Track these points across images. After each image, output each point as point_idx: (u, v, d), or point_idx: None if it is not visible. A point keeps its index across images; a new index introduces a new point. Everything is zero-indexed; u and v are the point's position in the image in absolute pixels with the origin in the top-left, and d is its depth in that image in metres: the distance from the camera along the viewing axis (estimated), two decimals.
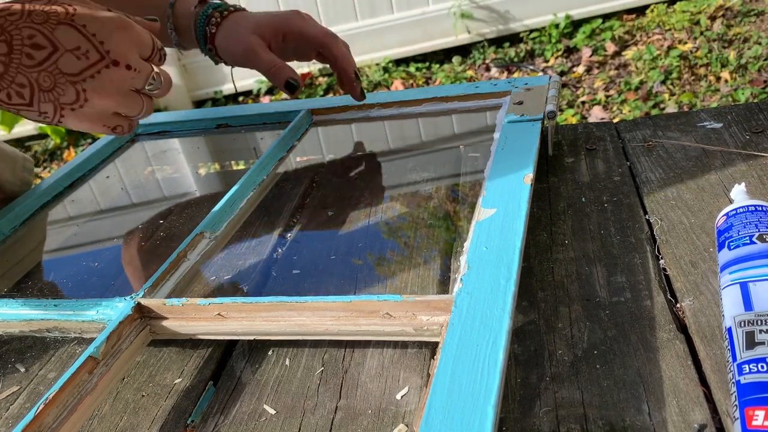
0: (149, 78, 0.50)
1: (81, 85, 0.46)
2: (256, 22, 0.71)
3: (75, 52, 0.45)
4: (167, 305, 0.49)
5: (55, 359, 0.53)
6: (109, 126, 0.50)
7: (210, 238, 0.58)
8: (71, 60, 0.45)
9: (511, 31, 2.77)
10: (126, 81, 0.48)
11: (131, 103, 0.50)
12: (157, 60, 0.52)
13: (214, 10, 0.72)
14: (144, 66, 0.50)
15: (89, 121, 0.48)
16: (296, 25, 0.71)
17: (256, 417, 0.44)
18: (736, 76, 2.20)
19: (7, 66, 0.43)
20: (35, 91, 0.44)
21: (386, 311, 0.44)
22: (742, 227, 0.45)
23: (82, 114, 0.47)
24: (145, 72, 0.50)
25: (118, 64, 0.47)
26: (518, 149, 0.58)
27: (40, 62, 0.44)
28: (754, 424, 0.33)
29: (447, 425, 0.34)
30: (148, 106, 0.52)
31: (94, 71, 0.46)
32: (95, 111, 0.48)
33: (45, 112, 0.46)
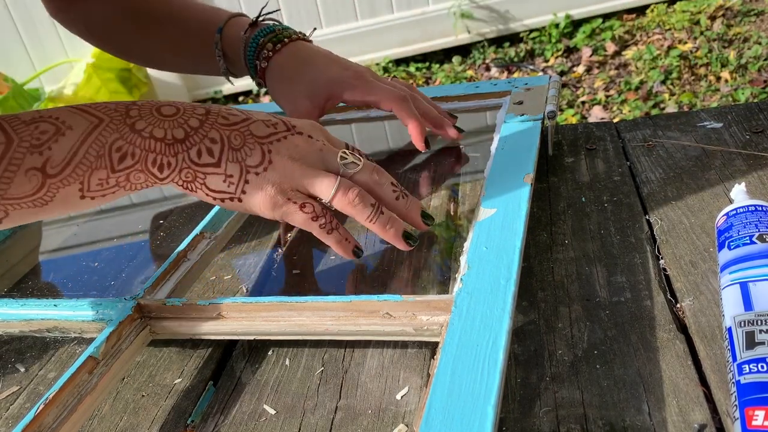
0: (339, 154, 0.47)
1: (267, 147, 0.45)
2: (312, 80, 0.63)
3: (265, 121, 0.46)
4: (167, 305, 0.49)
5: (55, 359, 0.53)
6: (295, 201, 0.45)
7: (210, 238, 0.58)
8: (261, 126, 0.46)
9: (511, 30, 2.77)
10: (311, 149, 0.46)
11: (315, 176, 0.45)
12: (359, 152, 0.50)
13: (266, 38, 0.65)
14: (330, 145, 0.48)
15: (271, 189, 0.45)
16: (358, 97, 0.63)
17: (256, 417, 0.44)
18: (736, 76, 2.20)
19: (203, 122, 0.44)
20: (225, 147, 0.44)
21: (386, 311, 0.44)
22: (743, 227, 0.45)
23: (265, 180, 0.44)
24: (332, 149, 0.47)
25: (301, 134, 0.47)
26: (518, 149, 0.58)
27: (234, 123, 0.45)
28: (754, 424, 0.33)
29: (447, 425, 0.34)
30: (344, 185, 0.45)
31: (281, 136, 0.46)
32: (278, 176, 0.45)
33: (231, 175, 0.44)
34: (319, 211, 0.46)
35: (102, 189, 0.42)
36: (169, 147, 0.43)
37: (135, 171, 0.43)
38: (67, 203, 0.42)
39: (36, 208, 0.40)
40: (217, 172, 0.44)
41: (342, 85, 0.63)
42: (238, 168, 0.44)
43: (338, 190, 0.46)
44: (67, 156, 0.40)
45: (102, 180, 0.42)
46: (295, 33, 0.67)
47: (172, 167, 0.43)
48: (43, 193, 0.40)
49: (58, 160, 0.40)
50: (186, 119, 0.44)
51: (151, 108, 0.44)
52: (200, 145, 0.44)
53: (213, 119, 0.45)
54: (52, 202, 0.41)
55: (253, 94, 2.86)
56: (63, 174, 0.40)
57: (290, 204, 0.45)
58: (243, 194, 0.45)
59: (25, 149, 0.39)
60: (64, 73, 2.79)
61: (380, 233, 0.47)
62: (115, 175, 0.42)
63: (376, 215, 0.47)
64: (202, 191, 0.45)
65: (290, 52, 0.65)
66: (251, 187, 0.45)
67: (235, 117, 0.46)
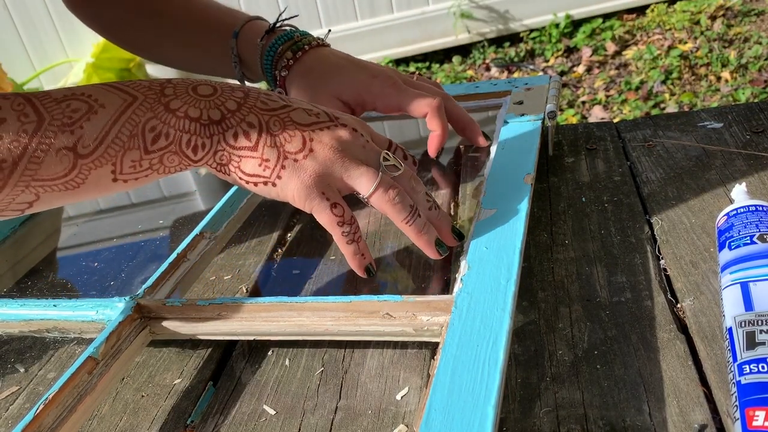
0: (381, 155, 0.45)
1: (309, 134, 0.43)
2: (339, 89, 0.60)
3: (307, 110, 0.45)
4: (167, 305, 0.48)
5: (54, 359, 0.53)
6: (327, 197, 0.44)
7: (210, 238, 0.58)
8: (303, 114, 0.44)
9: (511, 30, 2.77)
10: (354, 143, 0.45)
11: (356, 169, 0.44)
12: (401, 156, 0.49)
13: (284, 46, 0.62)
14: (373, 143, 0.46)
15: (309, 179, 0.43)
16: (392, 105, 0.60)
17: (256, 417, 0.44)
18: (737, 75, 2.20)
19: (241, 105, 0.43)
20: (263, 131, 0.43)
21: (386, 311, 0.44)
22: (743, 227, 0.45)
23: (303, 168, 0.43)
24: (375, 147, 0.46)
25: (346, 126, 0.45)
26: (518, 149, 0.58)
27: (273, 109, 0.44)
28: (754, 424, 0.33)
29: (447, 425, 0.33)
30: (384, 182, 0.44)
31: (324, 126, 0.44)
32: (317, 166, 0.43)
33: (267, 160, 0.42)
34: (347, 218, 0.45)
35: (135, 171, 0.41)
36: (204, 128, 0.42)
37: (169, 153, 0.41)
38: (99, 185, 0.40)
39: (68, 191, 0.39)
40: (254, 155, 0.42)
41: (372, 94, 0.60)
42: (275, 153, 0.43)
43: (379, 187, 0.44)
44: (100, 135, 0.39)
45: (135, 162, 0.41)
46: (314, 39, 0.64)
47: (206, 149, 0.42)
48: (75, 174, 0.39)
49: (90, 140, 0.39)
50: (223, 101, 0.43)
51: (188, 87, 0.42)
52: (237, 128, 0.42)
53: (252, 103, 0.43)
54: (84, 184, 0.40)
55: None
56: (95, 154, 0.39)
57: (323, 200, 0.44)
58: (278, 179, 0.43)
59: (56, 128, 0.38)
60: (63, 73, 2.79)
61: (414, 237, 0.46)
62: (149, 156, 0.41)
63: (413, 218, 0.45)
64: (236, 174, 0.43)
65: (312, 59, 0.62)
66: (287, 173, 0.43)
67: (275, 103, 0.44)
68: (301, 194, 0.43)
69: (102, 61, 2.66)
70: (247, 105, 0.43)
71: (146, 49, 0.75)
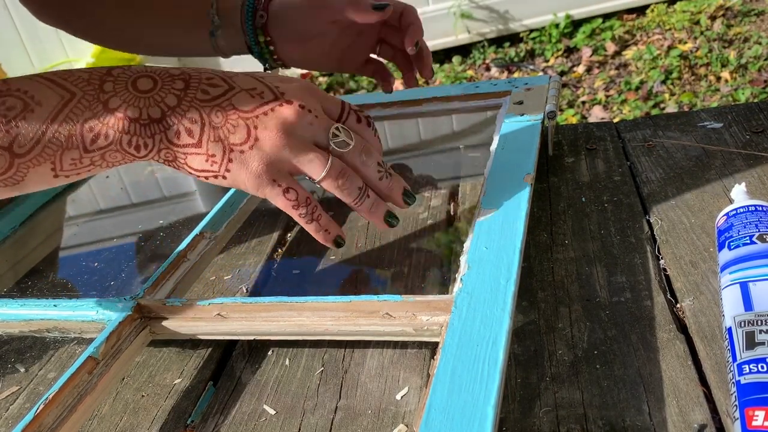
0: (330, 130, 0.44)
1: (253, 122, 0.42)
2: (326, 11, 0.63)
3: (250, 92, 0.43)
4: (167, 305, 0.49)
5: (54, 359, 0.53)
6: (279, 183, 0.43)
7: (210, 238, 0.58)
8: (245, 97, 0.43)
9: (511, 31, 2.77)
10: (301, 123, 0.43)
11: (305, 154, 0.43)
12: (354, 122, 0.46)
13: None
14: (323, 117, 0.44)
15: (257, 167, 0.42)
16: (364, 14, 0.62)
17: (256, 417, 0.44)
18: (737, 75, 2.20)
19: (181, 99, 0.42)
20: (206, 126, 0.42)
21: (386, 311, 0.44)
22: (743, 227, 0.45)
23: (251, 158, 0.42)
24: (324, 123, 0.44)
25: (291, 103, 0.43)
26: (518, 149, 0.58)
27: (214, 97, 0.42)
28: (754, 424, 0.33)
29: (447, 425, 0.34)
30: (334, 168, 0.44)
31: (268, 109, 0.42)
32: (264, 155, 0.42)
33: (213, 155, 0.42)
34: (301, 200, 0.45)
35: (76, 168, 0.40)
36: (144, 128, 0.41)
37: (110, 151, 0.40)
38: (41, 181, 0.40)
39: (8, 186, 0.39)
40: (199, 152, 0.42)
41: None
42: (220, 147, 0.42)
43: (328, 174, 0.44)
44: (36, 135, 0.38)
45: (75, 160, 0.40)
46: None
47: (149, 148, 0.41)
48: (13, 172, 0.38)
49: (25, 140, 0.38)
50: (163, 96, 0.41)
51: (127, 81, 0.41)
52: (179, 126, 0.41)
53: (192, 94, 0.42)
54: (24, 181, 0.39)
55: None
56: (32, 154, 0.38)
57: (275, 186, 0.43)
58: (227, 172, 0.43)
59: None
60: None
61: (365, 216, 0.47)
62: (89, 154, 0.40)
63: (362, 199, 0.46)
64: (185, 170, 0.43)
65: None
66: (235, 165, 0.42)
67: (216, 89, 0.42)
68: (252, 184, 0.43)
69: (102, 61, 2.66)
70: (187, 98, 0.42)
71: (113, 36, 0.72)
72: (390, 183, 0.47)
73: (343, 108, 0.46)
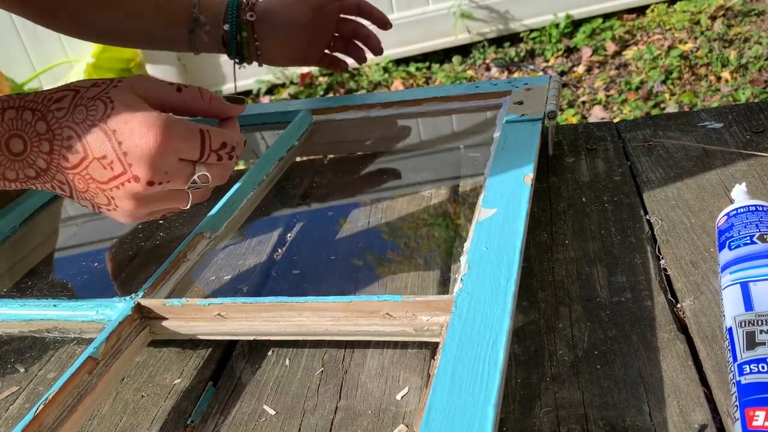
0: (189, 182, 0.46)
1: (109, 193, 0.44)
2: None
3: (101, 161, 0.43)
4: (167, 305, 0.48)
5: (54, 359, 0.53)
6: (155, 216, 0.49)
7: (210, 238, 0.58)
8: (99, 168, 0.43)
9: (511, 30, 2.77)
10: (153, 193, 0.45)
11: (170, 202, 0.47)
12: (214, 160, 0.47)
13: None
14: (178, 173, 0.45)
15: (131, 218, 0.47)
16: None
17: (256, 417, 0.44)
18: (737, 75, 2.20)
19: (49, 164, 0.44)
20: (73, 190, 0.45)
21: (386, 311, 0.44)
22: (743, 227, 0.45)
23: (119, 214, 0.46)
24: (181, 178, 0.45)
25: (138, 180, 0.43)
26: (518, 149, 0.58)
27: (74, 166, 0.44)
28: (754, 424, 0.33)
29: (447, 425, 0.33)
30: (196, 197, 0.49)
31: (119, 183, 0.44)
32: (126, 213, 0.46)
33: (85, 206, 0.47)
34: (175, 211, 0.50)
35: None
36: (23, 183, 0.45)
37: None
38: None
39: None
40: (74, 202, 0.47)
41: None
42: (90, 204, 0.46)
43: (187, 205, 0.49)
44: None
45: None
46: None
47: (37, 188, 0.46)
48: None
49: None
50: (34, 159, 0.43)
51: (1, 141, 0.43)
52: (52, 183, 0.45)
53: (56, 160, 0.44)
54: None
55: (252, 94, 2.86)
56: None
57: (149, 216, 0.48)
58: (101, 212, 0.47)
59: None
60: (63, 73, 2.79)
61: None
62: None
63: None
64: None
65: None
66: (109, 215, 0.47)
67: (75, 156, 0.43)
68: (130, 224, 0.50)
69: (102, 61, 2.66)
70: (53, 163, 0.44)
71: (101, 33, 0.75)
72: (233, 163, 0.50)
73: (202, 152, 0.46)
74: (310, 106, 0.82)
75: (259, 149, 0.83)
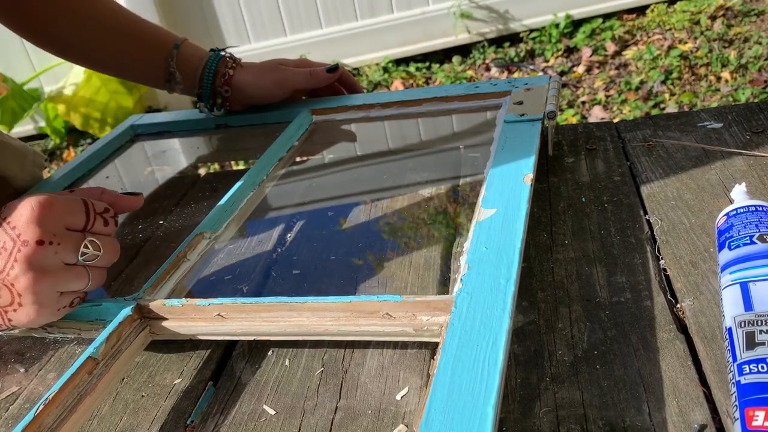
0: (79, 248, 0.47)
1: (8, 279, 0.45)
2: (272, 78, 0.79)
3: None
4: (167, 306, 0.48)
5: (54, 359, 0.53)
6: (63, 306, 0.48)
7: (210, 238, 0.58)
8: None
9: (511, 30, 2.77)
10: (47, 256, 0.46)
11: (69, 277, 0.47)
12: (101, 225, 0.50)
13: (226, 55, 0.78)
14: (67, 237, 0.47)
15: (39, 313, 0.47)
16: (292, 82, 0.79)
17: (256, 417, 0.44)
18: (737, 75, 2.20)
19: None
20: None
21: (386, 311, 0.44)
22: (743, 227, 0.45)
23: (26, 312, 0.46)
24: (71, 243, 0.47)
25: (27, 244, 0.45)
26: (518, 149, 0.58)
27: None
28: (754, 424, 0.33)
29: (447, 426, 0.34)
30: (95, 276, 0.49)
31: (12, 260, 0.45)
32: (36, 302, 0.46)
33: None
34: (85, 297, 0.51)
35: None
36: None
37: None
38: None
39: None
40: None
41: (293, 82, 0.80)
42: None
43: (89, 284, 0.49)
44: None
45: None
46: None
47: None
48: None
49: None
50: None
51: None
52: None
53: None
54: None
55: None
56: None
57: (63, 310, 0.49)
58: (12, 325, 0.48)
59: None
60: (63, 73, 2.79)
61: None
62: None
63: None
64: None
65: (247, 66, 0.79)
66: (17, 319, 0.47)
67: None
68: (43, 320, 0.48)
69: None
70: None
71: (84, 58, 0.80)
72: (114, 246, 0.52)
73: (87, 217, 0.49)
74: (310, 106, 0.82)
75: (259, 149, 0.83)
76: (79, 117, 2.70)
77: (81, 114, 2.70)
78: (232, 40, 2.76)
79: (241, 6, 2.71)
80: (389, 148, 0.78)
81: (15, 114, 2.61)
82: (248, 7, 2.72)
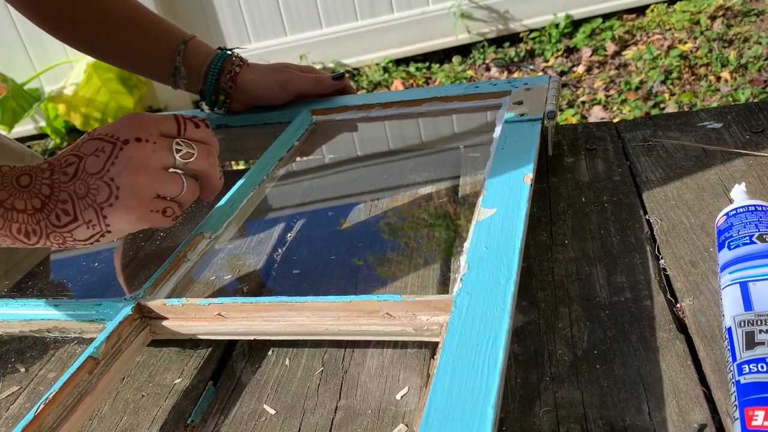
0: (173, 147, 0.50)
1: (108, 176, 0.47)
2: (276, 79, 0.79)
3: (95, 154, 0.47)
4: (167, 305, 0.49)
5: (55, 359, 0.53)
6: (156, 209, 0.49)
7: (210, 238, 0.58)
8: (93, 161, 0.47)
9: (511, 31, 2.77)
10: (145, 154, 0.48)
11: (164, 180, 0.49)
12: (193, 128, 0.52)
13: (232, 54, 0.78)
14: (163, 139, 0.49)
15: (133, 209, 0.48)
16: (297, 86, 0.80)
17: (256, 417, 0.44)
18: (737, 75, 2.20)
19: (52, 188, 0.47)
20: (75, 201, 0.46)
21: (386, 311, 0.44)
22: (742, 227, 0.45)
23: (122, 206, 0.47)
24: (165, 143, 0.49)
25: (128, 142, 0.48)
26: (518, 149, 0.58)
27: (72, 175, 0.47)
28: (753, 424, 0.33)
29: (447, 425, 0.34)
30: (190, 186, 0.52)
31: (113, 158, 0.47)
32: (132, 196, 0.47)
33: (90, 220, 0.47)
34: (177, 211, 0.51)
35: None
36: (30, 216, 0.46)
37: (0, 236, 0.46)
38: None
39: None
40: (78, 224, 0.47)
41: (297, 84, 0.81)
42: (92, 211, 0.47)
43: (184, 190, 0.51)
44: None
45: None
46: None
47: (38, 234, 0.47)
48: None
49: None
50: (39, 188, 0.47)
51: (12, 178, 0.47)
52: (56, 210, 0.46)
53: (57, 179, 0.47)
54: None
55: None
56: None
57: (155, 215, 0.49)
58: (108, 227, 0.48)
59: None
60: (64, 73, 2.79)
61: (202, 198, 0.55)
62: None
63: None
64: (74, 245, 0.49)
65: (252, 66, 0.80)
66: (112, 218, 0.48)
67: (71, 167, 0.47)
68: (134, 224, 0.49)
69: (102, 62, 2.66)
70: (55, 185, 0.47)
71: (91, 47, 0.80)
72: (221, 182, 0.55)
73: (178, 123, 0.51)
74: (310, 106, 0.82)
75: (259, 149, 0.83)
76: (80, 117, 2.71)
77: (81, 114, 2.70)
78: (232, 39, 2.77)
79: (241, 6, 2.71)
80: (389, 148, 0.78)
81: (15, 114, 2.61)
82: (248, 7, 2.72)
